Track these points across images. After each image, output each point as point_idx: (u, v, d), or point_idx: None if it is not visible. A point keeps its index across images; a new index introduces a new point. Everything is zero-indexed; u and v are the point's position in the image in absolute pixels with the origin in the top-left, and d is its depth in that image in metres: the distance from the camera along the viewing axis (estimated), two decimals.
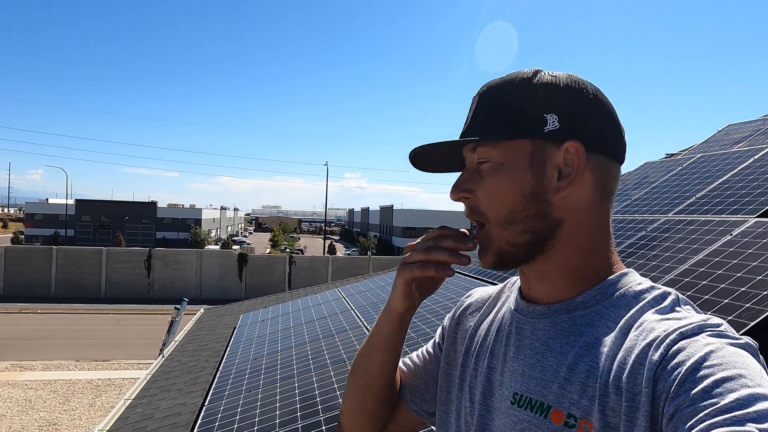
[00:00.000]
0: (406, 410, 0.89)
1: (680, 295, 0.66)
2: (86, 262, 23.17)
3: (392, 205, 56.64)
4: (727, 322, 2.54)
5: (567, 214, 0.69)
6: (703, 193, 4.32)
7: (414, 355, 0.93)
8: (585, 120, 0.69)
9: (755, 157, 4.43)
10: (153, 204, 52.94)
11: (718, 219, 3.70)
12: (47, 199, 54.18)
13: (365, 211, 78.97)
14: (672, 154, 6.32)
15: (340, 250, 46.21)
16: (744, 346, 0.56)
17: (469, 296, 0.91)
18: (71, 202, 48.62)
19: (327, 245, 39.60)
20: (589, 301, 0.68)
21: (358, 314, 5.00)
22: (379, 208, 65.13)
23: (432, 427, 0.88)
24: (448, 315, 0.92)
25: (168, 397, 4.04)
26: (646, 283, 0.68)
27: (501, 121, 0.69)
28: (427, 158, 0.77)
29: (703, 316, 0.61)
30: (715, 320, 0.60)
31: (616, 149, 0.72)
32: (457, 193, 0.73)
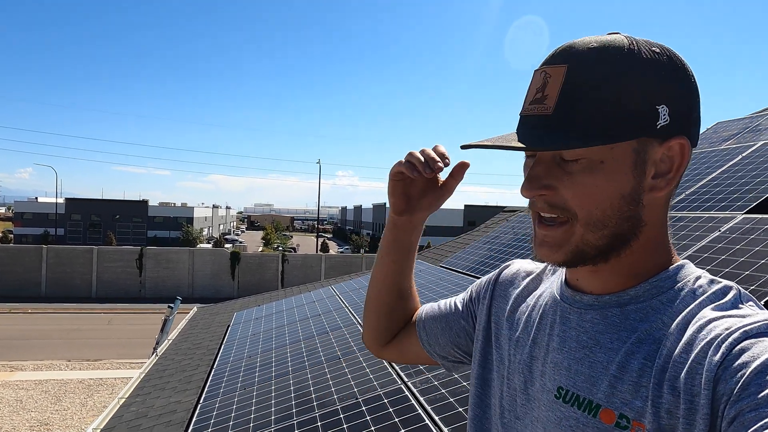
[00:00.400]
0: (420, 346, 0.94)
1: (743, 290, 0.61)
2: (77, 261, 22.99)
3: (385, 203, 56.58)
4: None
5: (652, 213, 0.64)
6: (692, 189, 4.38)
7: (440, 302, 0.96)
8: (691, 111, 0.62)
9: (744, 154, 4.50)
10: (144, 202, 52.57)
11: (708, 215, 3.76)
12: (36, 198, 53.57)
13: (358, 209, 78.93)
14: None
15: (333, 248, 46.18)
16: None
17: (508, 267, 0.88)
18: (61, 200, 48.16)
19: (320, 243, 39.56)
20: (643, 294, 0.64)
21: (352, 311, 5.01)
22: (371, 206, 65.12)
23: (443, 369, 0.96)
24: (480, 282, 0.91)
25: (162, 396, 4.04)
26: (706, 276, 0.64)
27: (608, 116, 0.59)
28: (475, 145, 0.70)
29: None
30: None
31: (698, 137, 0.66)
32: (534, 190, 0.64)
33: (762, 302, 2.51)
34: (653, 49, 0.61)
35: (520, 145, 0.60)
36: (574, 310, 0.68)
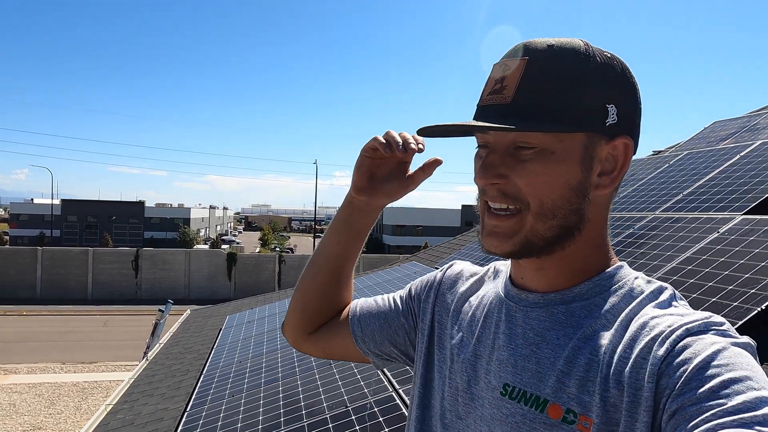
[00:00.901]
0: (350, 342, 0.89)
1: (676, 291, 0.65)
2: (72, 262, 22.87)
3: None
4: None
5: (595, 211, 0.67)
6: (690, 190, 4.31)
7: (376, 298, 0.92)
8: (634, 114, 0.67)
9: (741, 154, 4.43)
10: (141, 203, 52.41)
11: (706, 216, 3.69)
12: (32, 199, 53.45)
13: None
14: (659, 152, 6.32)
15: None
16: (746, 346, 0.56)
17: (451, 267, 0.88)
18: (57, 202, 47.92)
19: (317, 244, 39.44)
20: (587, 292, 0.66)
21: None
22: None
23: (378, 370, 0.92)
24: (421, 280, 0.90)
25: (150, 402, 3.95)
26: (642, 276, 0.67)
27: (562, 107, 0.62)
28: (433, 128, 0.71)
29: (706, 314, 0.60)
30: (718, 318, 0.59)
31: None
32: (489, 178, 0.65)
33: (762, 307, 2.44)
34: (606, 54, 0.65)
35: (478, 123, 0.63)
36: (520, 309, 0.70)
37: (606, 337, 0.61)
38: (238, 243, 47.78)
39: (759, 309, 2.42)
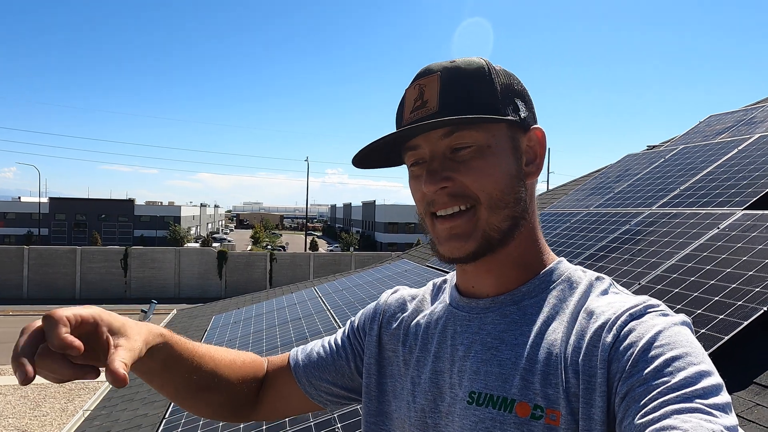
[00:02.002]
0: (302, 399, 0.86)
1: (612, 279, 0.70)
2: (60, 261, 22.54)
3: (375, 201, 56.39)
4: (719, 321, 2.39)
5: (530, 201, 0.72)
6: (687, 185, 4.20)
7: (315, 348, 0.88)
8: (533, 109, 0.73)
9: (739, 148, 4.32)
10: (130, 201, 51.90)
11: (704, 212, 3.57)
12: (20, 198, 52.70)
13: (347, 207, 78.69)
14: (654, 146, 6.22)
15: (323, 247, 45.94)
16: (684, 324, 0.60)
17: (391, 295, 0.87)
18: (45, 200, 47.31)
19: (309, 241, 39.27)
20: (534, 290, 0.69)
21: (334, 315, 4.80)
22: (361, 204, 64.89)
23: (328, 410, 0.88)
24: (362, 313, 0.88)
25: (129, 408, 3.79)
26: (582, 269, 0.72)
27: (485, 102, 0.67)
28: (369, 156, 0.72)
29: (644, 297, 0.64)
30: (655, 301, 0.63)
31: None
32: (436, 183, 0.67)
33: None
34: (500, 67, 0.72)
35: (422, 124, 0.64)
36: (474, 316, 0.71)
37: (559, 331, 0.64)
38: (229, 241, 47.44)
39: (765, 308, 2.30)
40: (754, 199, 3.39)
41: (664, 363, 0.54)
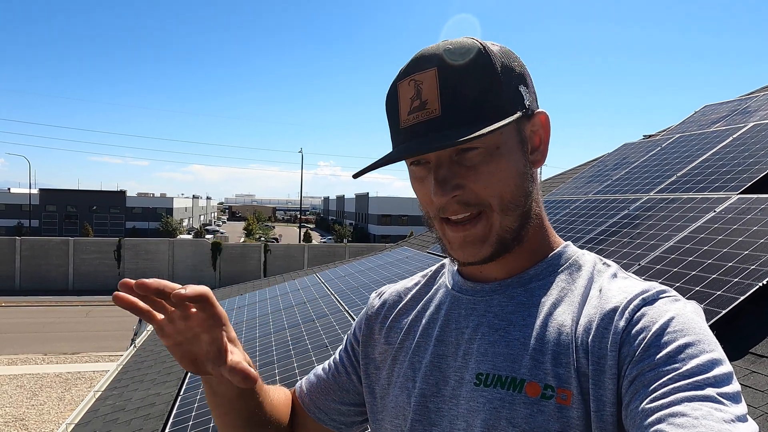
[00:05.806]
0: (321, 428, 0.84)
1: (618, 265, 0.70)
2: (52, 253, 22.42)
3: (368, 193, 56.44)
4: (717, 296, 2.51)
5: (535, 187, 0.70)
6: (684, 171, 4.32)
7: (318, 373, 0.87)
8: (534, 89, 0.70)
9: (734, 136, 4.45)
10: (122, 193, 51.50)
11: (701, 196, 3.70)
12: (9, 189, 52.14)
13: (340, 199, 78.61)
14: (650, 135, 6.34)
15: (316, 239, 45.91)
16: (695, 311, 0.60)
17: (381, 295, 0.86)
18: (35, 191, 46.86)
19: (302, 233, 39.26)
20: (542, 273, 0.69)
21: (339, 299, 4.89)
22: (354, 196, 64.88)
23: None
24: (355, 323, 0.87)
25: (141, 388, 3.87)
26: (589, 253, 0.72)
27: (492, 103, 0.63)
28: (370, 167, 0.68)
29: (653, 283, 0.64)
30: (664, 287, 0.63)
31: None
32: (448, 193, 0.64)
33: (763, 282, 2.45)
34: (495, 45, 0.67)
35: (428, 149, 0.60)
36: (479, 299, 0.70)
37: (569, 312, 0.64)
38: (222, 233, 47.30)
39: (760, 284, 2.43)
40: (749, 183, 3.52)
41: (676, 349, 0.54)
